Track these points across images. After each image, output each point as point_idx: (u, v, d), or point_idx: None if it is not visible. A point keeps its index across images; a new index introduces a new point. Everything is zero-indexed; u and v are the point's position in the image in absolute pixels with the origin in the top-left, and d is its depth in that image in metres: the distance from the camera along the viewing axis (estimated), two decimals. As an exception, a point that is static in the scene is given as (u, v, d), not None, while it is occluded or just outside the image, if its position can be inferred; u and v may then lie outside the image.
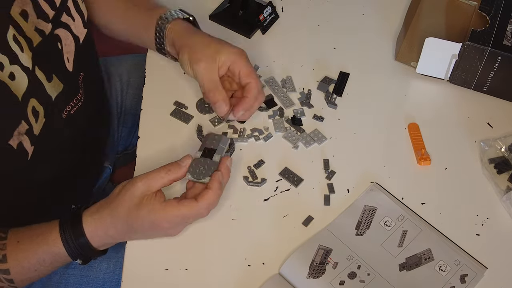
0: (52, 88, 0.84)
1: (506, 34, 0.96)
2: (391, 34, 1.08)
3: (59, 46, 0.85)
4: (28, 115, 0.79)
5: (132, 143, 1.23)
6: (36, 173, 0.86)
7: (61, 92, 0.85)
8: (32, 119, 0.80)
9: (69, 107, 0.88)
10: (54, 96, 0.84)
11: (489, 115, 0.98)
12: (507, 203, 0.87)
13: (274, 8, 1.09)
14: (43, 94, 0.82)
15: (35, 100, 0.80)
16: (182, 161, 0.81)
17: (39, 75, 0.81)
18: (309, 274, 0.80)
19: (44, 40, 0.81)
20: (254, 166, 0.91)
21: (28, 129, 0.79)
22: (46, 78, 0.82)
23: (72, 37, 0.88)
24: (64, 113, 0.88)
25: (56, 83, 0.84)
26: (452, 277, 0.81)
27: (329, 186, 0.90)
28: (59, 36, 0.85)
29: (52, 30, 0.83)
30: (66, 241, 0.78)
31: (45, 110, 0.82)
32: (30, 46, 0.79)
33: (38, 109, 0.81)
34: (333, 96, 0.99)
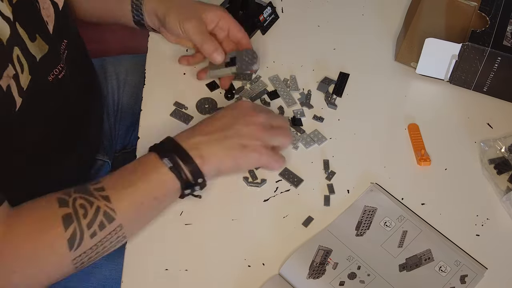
0: (37, 48, 0.81)
1: (506, 34, 0.96)
2: (391, 34, 1.08)
3: (37, 7, 0.83)
4: (14, 61, 0.76)
5: (131, 142, 1.23)
6: (23, 133, 0.83)
7: (46, 54, 0.82)
8: (18, 67, 0.77)
9: (55, 71, 0.86)
10: (38, 57, 0.81)
11: (489, 116, 0.98)
12: (507, 203, 0.87)
13: (274, 9, 1.09)
14: (26, 51, 0.79)
15: (18, 50, 0.77)
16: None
17: (20, 32, 0.78)
18: (309, 275, 0.80)
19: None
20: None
21: (15, 74, 0.76)
22: (28, 37, 0.79)
23: (50, 2, 0.86)
24: (50, 76, 0.85)
25: (41, 43, 0.82)
26: (452, 278, 0.81)
27: (329, 187, 0.90)
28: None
29: None
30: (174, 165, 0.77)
31: (30, 67, 0.79)
32: (10, 1, 0.76)
33: (22, 62, 0.78)
34: (333, 96, 0.99)
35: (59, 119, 0.92)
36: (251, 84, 1.00)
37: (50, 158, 0.92)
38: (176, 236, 0.85)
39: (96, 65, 1.18)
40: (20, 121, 0.81)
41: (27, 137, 0.85)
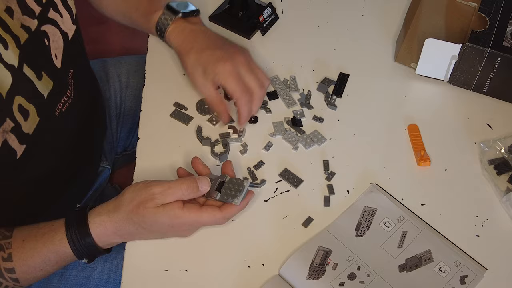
0: (43, 86, 0.83)
1: (506, 35, 0.96)
2: (391, 35, 1.08)
3: (46, 42, 0.84)
4: (14, 113, 0.78)
5: (132, 144, 1.23)
6: (26, 172, 0.85)
7: (52, 89, 0.84)
8: (19, 117, 0.78)
9: (60, 105, 0.87)
10: (46, 94, 0.83)
11: (488, 116, 0.98)
12: (507, 204, 0.87)
13: (274, 9, 1.09)
14: (34, 92, 0.81)
15: (21, 98, 0.78)
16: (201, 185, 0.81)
17: (28, 73, 0.80)
18: (309, 275, 0.80)
19: (31, 37, 0.80)
20: (254, 167, 0.91)
21: (14, 127, 0.78)
22: (36, 76, 0.81)
23: (60, 34, 0.87)
24: (56, 111, 0.87)
25: (46, 80, 0.83)
26: (452, 278, 0.81)
27: (329, 187, 0.90)
28: (46, 32, 0.84)
29: (38, 27, 0.82)
30: (72, 241, 0.79)
31: (38, 109, 0.81)
32: (18, 43, 0.78)
33: (27, 107, 0.79)
34: (333, 97, 0.99)
35: (66, 147, 0.93)
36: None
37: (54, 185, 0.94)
38: (176, 237, 0.85)
39: (97, 67, 1.18)
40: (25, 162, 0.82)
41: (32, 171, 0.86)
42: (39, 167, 0.88)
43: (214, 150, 0.93)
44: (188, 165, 0.91)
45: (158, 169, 0.91)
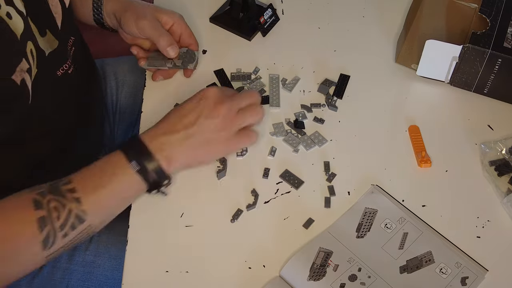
0: (46, 44, 0.84)
1: (507, 36, 0.96)
2: (392, 36, 1.08)
3: (47, 2, 0.86)
4: (28, 55, 0.79)
5: None
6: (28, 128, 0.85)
7: (55, 50, 0.85)
8: (31, 60, 0.80)
9: (65, 67, 0.89)
10: (47, 52, 0.84)
11: (489, 117, 0.98)
12: (508, 205, 0.87)
13: (274, 11, 1.09)
14: (36, 46, 0.82)
15: (32, 44, 0.80)
16: None
17: (32, 27, 0.81)
18: (309, 277, 0.80)
19: None
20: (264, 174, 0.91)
21: (28, 68, 0.79)
22: (38, 32, 0.82)
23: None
24: (60, 71, 0.88)
25: (51, 38, 0.84)
26: (453, 280, 0.81)
27: (330, 189, 0.90)
28: None
29: None
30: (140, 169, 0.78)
31: (38, 62, 0.82)
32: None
33: (34, 54, 0.81)
34: (334, 98, 0.99)
35: (63, 114, 0.93)
36: (250, 84, 1.01)
37: (52, 157, 0.92)
38: (176, 238, 0.85)
39: None
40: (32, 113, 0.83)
41: (29, 133, 0.86)
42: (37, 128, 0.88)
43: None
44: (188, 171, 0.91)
45: (159, 170, 0.91)
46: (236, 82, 1.01)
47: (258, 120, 0.85)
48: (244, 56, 1.05)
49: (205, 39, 1.07)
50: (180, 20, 0.99)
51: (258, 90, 1.00)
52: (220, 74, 1.02)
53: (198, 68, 1.03)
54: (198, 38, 1.07)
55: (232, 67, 1.03)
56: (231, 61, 1.04)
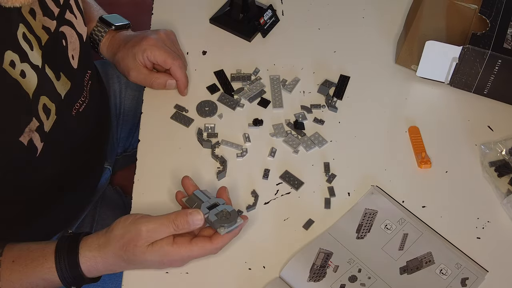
0: (61, 87, 0.84)
1: (506, 37, 0.96)
2: (392, 37, 1.08)
3: (63, 43, 0.86)
4: (39, 112, 0.79)
5: (132, 145, 1.23)
6: (42, 169, 0.86)
7: (69, 90, 0.86)
8: (43, 116, 0.80)
9: (77, 105, 0.89)
10: (63, 95, 0.85)
11: (489, 118, 0.98)
12: (508, 206, 0.87)
13: (274, 12, 1.09)
14: (53, 92, 0.83)
15: (46, 98, 0.80)
16: (192, 218, 0.77)
17: (49, 74, 0.81)
18: (309, 278, 0.80)
19: (51, 37, 0.82)
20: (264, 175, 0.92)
21: (38, 126, 0.79)
22: (55, 77, 0.83)
23: (76, 35, 0.88)
24: (73, 110, 0.89)
25: (64, 81, 0.85)
26: (453, 281, 0.81)
27: (330, 189, 0.90)
28: (64, 33, 0.86)
29: (57, 27, 0.84)
30: (61, 271, 0.78)
31: (57, 108, 0.83)
32: (40, 44, 0.79)
33: (49, 107, 0.81)
34: (334, 99, 0.99)
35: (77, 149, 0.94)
36: (249, 84, 1.01)
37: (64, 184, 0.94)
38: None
39: (97, 68, 1.18)
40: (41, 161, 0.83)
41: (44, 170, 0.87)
42: (54, 166, 0.88)
43: (215, 152, 0.93)
44: (187, 167, 0.91)
45: (159, 171, 0.91)
46: (236, 83, 1.01)
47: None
48: (244, 57, 1.05)
49: (205, 40, 1.07)
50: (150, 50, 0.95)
51: (258, 91, 1.00)
52: (220, 75, 1.02)
53: (198, 68, 1.03)
54: (198, 39, 1.07)
55: (232, 68, 1.03)
56: (231, 62, 1.04)
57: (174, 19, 1.10)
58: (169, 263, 0.79)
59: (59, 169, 0.90)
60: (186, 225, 0.76)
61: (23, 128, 0.77)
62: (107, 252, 0.78)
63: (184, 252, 0.77)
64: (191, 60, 1.04)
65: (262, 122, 0.96)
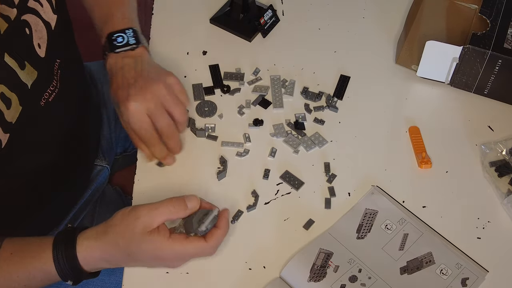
0: (27, 76, 0.81)
1: (507, 37, 0.96)
2: (392, 37, 1.08)
3: (27, 31, 0.82)
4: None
5: (132, 145, 1.22)
6: (15, 165, 0.84)
7: (36, 79, 0.83)
8: (1, 105, 0.77)
9: (46, 95, 0.86)
10: (29, 84, 0.82)
11: (490, 118, 0.98)
12: (508, 206, 0.87)
13: (274, 12, 1.09)
14: (17, 82, 0.80)
15: (4, 87, 0.77)
16: (189, 201, 0.78)
17: (9, 62, 0.78)
18: (310, 278, 0.80)
19: (11, 26, 0.79)
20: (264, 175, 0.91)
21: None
22: (18, 66, 0.80)
23: (42, 23, 0.85)
24: (42, 101, 0.85)
25: (30, 70, 0.82)
26: (453, 281, 0.81)
27: (330, 190, 0.90)
28: (27, 21, 0.82)
29: (18, 16, 0.81)
30: (58, 262, 0.77)
31: (20, 98, 0.80)
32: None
33: (9, 96, 0.78)
34: (334, 99, 0.99)
35: (54, 141, 0.92)
36: (249, 84, 1.01)
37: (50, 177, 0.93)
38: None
39: (96, 69, 1.18)
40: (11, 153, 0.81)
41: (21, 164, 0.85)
42: (28, 161, 0.86)
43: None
44: (188, 167, 0.91)
45: (159, 171, 0.91)
46: (233, 82, 1.01)
47: None
48: (244, 57, 1.05)
49: (205, 40, 1.07)
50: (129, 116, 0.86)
51: (259, 91, 1.00)
52: (214, 70, 1.02)
53: (196, 67, 1.03)
54: (198, 39, 1.07)
55: (232, 68, 1.03)
56: (231, 62, 1.04)
57: (175, 19, 1.10)
58: (163, 259, 0.78)
59: (34, 164, 0.88)
60: (182, 205, 0.77)
61: None
62: (104, 240, 0.77)
63: (178, 248, 0.77)
64: (192, 60, 1.04)
65: (263, 122, 0.96)
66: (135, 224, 0.76)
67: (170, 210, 0.77)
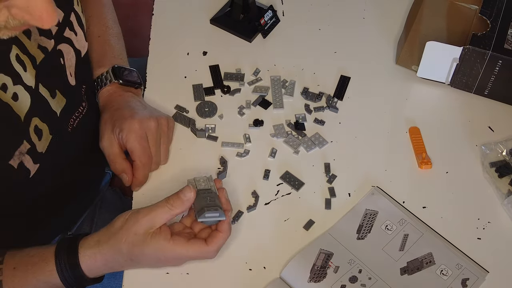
0: (57, 104, 0.82)
1: (507, 37, 0.96)
2: (392, 38, 1.08)
3: (61, 61, 0.84)
4: (31, 134, 0.78)
5: None
6: (38, 188, 0.85)
7: (64, 106, 0.84)
8: (34, 138, 0.78)
9: (72, 120, 0.87)
10: (58, 112, 0.83)
11: (490, 119, 0.98)
12: (508, 206, 0.87)
13: (275, 12, 1.09)
14: (48, 111, 0.81)
15: (37, 119, 0.78)
16: (183, 193, 0.78)
17: (43, 92, 0.79)
18: (310, 278, 0.80)
19: (47, 56, 0.80)
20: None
21: (30, 148, 0.78)
22: (50, 95, 0.81)
23: (73, 52, 0.87)
24: (69, 127, 0.87)
25: (60, 98, 0.83)
26: (453, 281, 0.81)
27: (330, 190, 0.90)
28: (61, 51, 0.84)
29: (55, 46, 0.82)
30: (62, 272, 0.78)
31: (50, 127, 0.81)
32: (34, 64, 0.77)
33: (41, 127, 0.80)
34: (334, 99, 0.99)
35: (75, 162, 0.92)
36: (250, 85, 1.01)
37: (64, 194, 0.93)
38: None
39: None
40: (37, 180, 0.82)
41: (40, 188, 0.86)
42: (51, 182, 0.87)
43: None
44: (188, 167, 0.91)
45: (159, 171, 0.91)
46: (233, 82, 1.01)
47: None
48: (245, 58, 1.05)
49: (206, 41, 1.07)
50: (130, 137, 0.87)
51: (259, 92, 1.00)
52: (215, 70, 1.02)
53: (196, 68, 1.03)
54: (198, 39, 1.07)
55: (232, 68, 1.03)
56: (231, 63, 1.04)
57: (175, 20, 1.10)
58: (165, 261, 0.79)
59: (59, 183, 0.89)
60: (178, 200, 0.77)
61: (13, 151, 0.76)
62: (106, 247, 0.77)
63: (179, 251, 0.77)
64: (192, 61, 1.04)
65: (263, 122, 0.96)
66: (136, 228, 0.76)
67: (169, 208, 0.77)
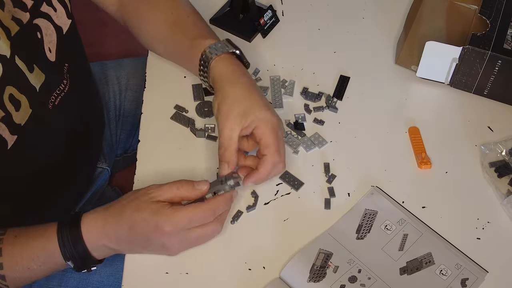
0: (35, 79, 0.83)
1: (507, 38, 0.96)
2: (392, 38, 1.08)
3: (38, 35, 0.84)
4: (5, 102, 0.78)
5: (132, 146, 1.23)
6: (20, 165, 0.84)
7: (44, 82, 0.84)
8: (10, 107, 0.79)
9: (53, 98, 0.87)
10: (38, 87, 0.83)
11: (489, 119, 0.98)
12: (508, 206, 0.87)
13: (274, 12, 1.09)
14: (26, 85, 0.81)
15: (13, 88, 0.79)
16: (197, 183, 0.80)
17: (19, 64, 0.80)
18: (309, 278, 0.80)
19: (22, 29, 0.80)
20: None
21: (4, 116, 0.78)
22: (27, 68, 0.81)
23: (53, 28, 0.87)
24: (49, 103, 0.87)
25: (38, 73, 0.83)
26: (453, 281, 0.81)
27: (330, 190, 0.90)
28: (38, 25, 0.84)
29: (30, 20, 0.82)
30: (62, 239, 0.78)
31: (30, 100, 0.81)
32: (8, 35, 0.78)
33: (18, 98, 0.80)
34: (334, 99, 0.99)
35: (59, 143, 0.92)
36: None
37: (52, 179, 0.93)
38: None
39: (96, 70, 1.18)
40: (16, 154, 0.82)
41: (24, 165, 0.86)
42: (31, 162, 0.87)
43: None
44: (187, 167, 0.91)
45: (159, 171, 0.91)
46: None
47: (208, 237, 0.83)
48: (244, 58, 1.05)
49: (205, 41, 1.07)
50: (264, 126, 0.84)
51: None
52: None
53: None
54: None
55: (232, 68, 1.03)
56: (231, 63, 1.04)
57: (174, 20, 1.10)
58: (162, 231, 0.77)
59: (43, 166, 0.89)
60: (189, 185, 0.80)
61: None
62: (109, 211, 0.80)
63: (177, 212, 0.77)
64: (191, 61, 1.04)
65: None
66: (143, 194, 0.79)
67: (177, 187, 0.79)
